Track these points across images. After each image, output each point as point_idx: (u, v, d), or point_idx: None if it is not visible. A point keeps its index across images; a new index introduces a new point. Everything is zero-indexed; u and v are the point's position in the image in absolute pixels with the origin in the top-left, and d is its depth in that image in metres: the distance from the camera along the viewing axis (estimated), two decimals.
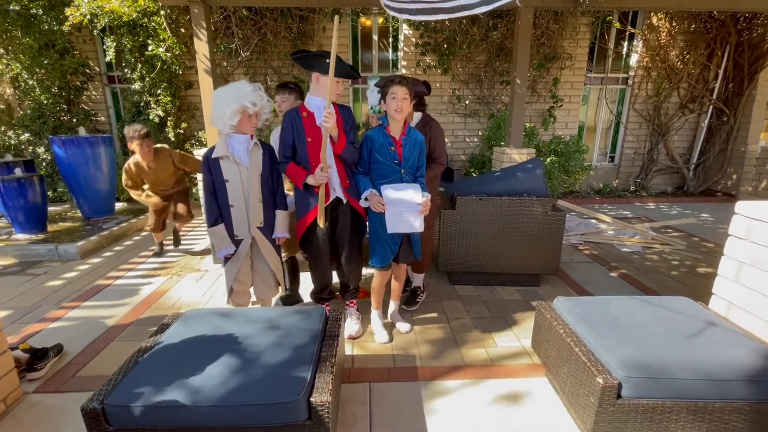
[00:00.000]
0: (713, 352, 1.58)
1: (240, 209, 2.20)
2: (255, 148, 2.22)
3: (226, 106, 2.05)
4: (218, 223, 2.20)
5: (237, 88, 2.09)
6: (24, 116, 5.65)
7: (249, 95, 2.07)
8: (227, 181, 2.16)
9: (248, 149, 2.19)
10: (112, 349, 2.37)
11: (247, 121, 2.13)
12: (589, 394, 1.54)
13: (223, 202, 2.19)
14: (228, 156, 2.14)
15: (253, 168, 2.20)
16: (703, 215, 5.53)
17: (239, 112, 2.07)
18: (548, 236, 3.01)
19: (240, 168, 2.17)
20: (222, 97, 2.07)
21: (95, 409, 1.33)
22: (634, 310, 1.88)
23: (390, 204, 2.13)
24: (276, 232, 2.32)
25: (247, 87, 2.10)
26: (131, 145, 3.36)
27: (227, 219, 2.21)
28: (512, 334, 2.54)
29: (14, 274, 3.45)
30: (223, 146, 2.15)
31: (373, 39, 6.15)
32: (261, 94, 2.14)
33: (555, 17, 5.79)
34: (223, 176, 2.16)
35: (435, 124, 2.67)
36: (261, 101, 2.14)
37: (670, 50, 6.23)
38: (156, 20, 5.05)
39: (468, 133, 6.45)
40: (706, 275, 3.47)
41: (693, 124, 6.66)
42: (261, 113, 2.19)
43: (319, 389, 1.42)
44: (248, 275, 2.32)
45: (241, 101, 2.05)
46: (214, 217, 2.21)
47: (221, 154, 2.14)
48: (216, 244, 2.23)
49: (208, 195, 2.20)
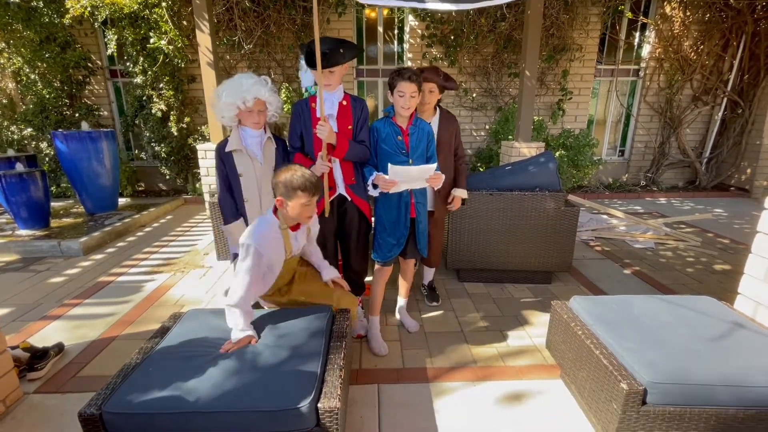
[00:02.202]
0: (743, 356, 1.49)
1: (254, 204, 2.16)
2: (269, 142, 2.16)
3: (220, 99, 2.00)
4: (237, 218, 2.16)
5: (233, 83, 2.01)
6: (26, 111, 5.60)
7: (245, 91, 1.98)
8: (241, 175, 2.11)
9: (261, 143, 2.13)
10: (114, 347, 2.32)
11: (247, 115, 2.04)
12: (612, 399, 1.46)
13: (237, 196, 2.15)
14: (242, 149, 2.08)
15: (266, 162, 2.14)
16: (716, 210, 5.40)
17: (232, 106, 2.00)
18: (561, 232, 2.91)
19: (254, 162, 2.11)
20: (219, 90, 2.01)
21: (93, 414, 1.27)
22: (657, 311, 1.79)
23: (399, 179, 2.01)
24: None
25: (245, 82, 2.00)
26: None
27: (243, 213, 2.17)
28: (524, 333, 2.46)
29: (16, 271, 3.41)
30: (236, 139, 2.08)
31: (379, 31, 6.03)
32: (260, 89, 2.02)
33: (565, 7, 5.63)
34: (236, 170, 2.10)
35: (455, 118, 2.60)
36: (261, 95, 2.03)
37: (683, 40, 6.05)
38: (158, 12, 4.95)
39: (475, 126, 6.33)
40: (724, 273, 3.36)
41: (706, 117, 6.49)
42: (266, 108, 2.10)
43: (327, 394, 1.35)
44: None
45: (233, 96, 1.97)
46: (232, 213, 2.16)
47: (234, 147, 2.08)
48: (232, 240, 2.17)
49: (223, 191, 2.15)
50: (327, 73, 2.04)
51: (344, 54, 2.04)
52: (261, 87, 2.04)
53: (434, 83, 2.34)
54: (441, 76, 2.35)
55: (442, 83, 2.35)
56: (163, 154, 5.73)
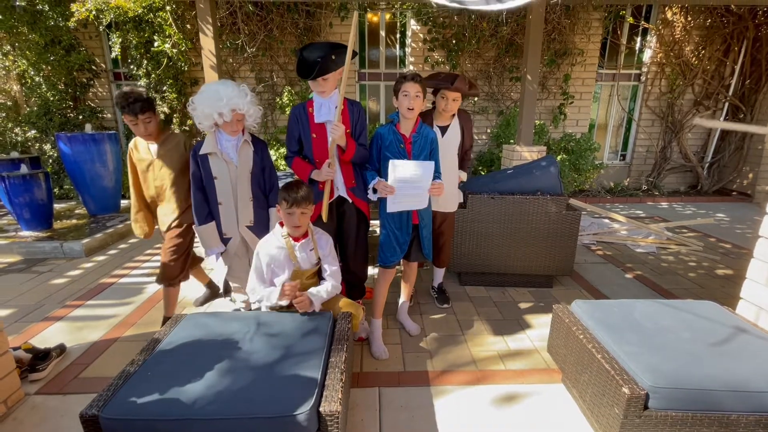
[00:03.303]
0: (746, 361, 1.48)
1: (228, 207, 2.15)
2: (245, 145, 2.14)
3: (195, 110, 2.00)
4: (208, 221, 2.16)
5: (210, 93, 1.97)
6: (30, 113, 5.64)
7: (223, 105, 1.93)
8: (215, 178, 2.10)
9: (237, 146, 2.12)
10: (115, 349, 2.32)
11: (225, 125, 2.03)
12: (614, 404, 1.46)
13: (211, 198, 2.15)
14: (216, 153, 2.08)
15: (242, 165, 2.13)
16: (718, 215, 5.39)
17: (209, 117, 1.99)
18: (562, 236, 2.91)
19: (229, 165, 2.11)
20: (200, 98, 1.99)
21: (95, 416, 1.27)
22: (658, 315, 1.78)
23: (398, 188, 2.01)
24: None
25: (223, 92, 1.95)
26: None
27: (216, 216, 2.17)
28: (525, 337, 2.45)
29: (19, 272, 3.42)
30: (212, 142, 2.08)
31: (381, 35, 6.06)
32: (238, 101, 1.98)
33: (566, 12, 5.66)
34: (211, 172, 2.10)
35: (469, 115, 2.73)
36: (242, 108, 2.00)
37: (684, 45, 6.07)
38: (162, 16, 4.99)
39: (476, 130, 6.34)
40: (726, 277, 3.35)
41: None
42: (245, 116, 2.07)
43: (328, 398, 1.34)
44: (244, 272, 2.25)
45: (210, 108, 1.95)
46: (204, 215, 2.16)
47: (209, 151, 2.08)
48: (204, 243, 2.17)
49: (194, 189, 2.14)
50: (321, 81, 2.04)
51: (336, 60, 2.03)
52: (239, 99, 1.98)
53: (461, 92, 2.41)
54: (467, 84, 2.42)
55: (467, 92, 2.44)
56: None
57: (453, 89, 2.38)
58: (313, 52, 2.00)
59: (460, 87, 2.37)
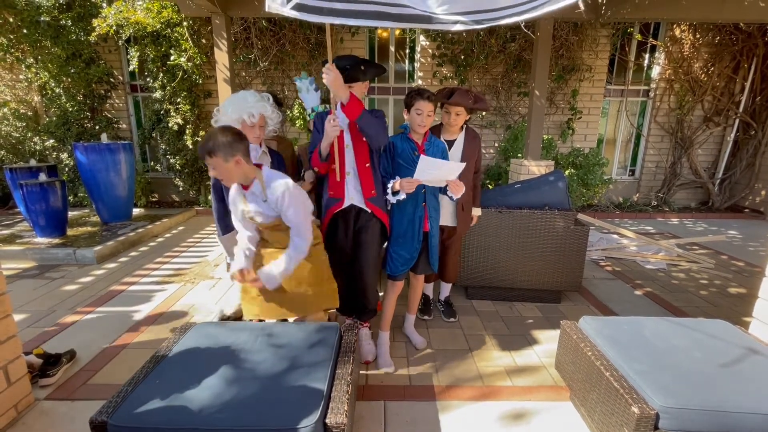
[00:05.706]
0: (758, 382, 1.45)
1: None
2: (263, 156, 2.22)
3: (226, 115, 2.06)
4: (230, 230, 2.19)
5: (239, 99, 2.07)
6: (49, 123, 5.81)
7: (250, 107, 2.05)
8: None
9: (257, 157, 2.18)
10: (124, 356, 2.34)
11: (249, 130, 2.09)
12: (623, 424, 1.43)
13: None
14: None
15: None
16: (730, 232, 5.31)
17: (238, 122, 2.05)
18: (570, 251, 2.90)
19: None
20: (225, 106, 2.08)
21: (104, 422, 1.29)
22: (669, 333, 1.76)
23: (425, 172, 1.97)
24: None
25: (249, 98, 2.08)
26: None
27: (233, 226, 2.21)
28: (533, 352, 2.43)
29: (32, 278, 3.49)
30: None
31: (390, 50, 6.18)
32: (264, 105, 2.10)
33: (574, 29, 5.73)
34: None
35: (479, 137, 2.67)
36: (265, 112, 2.11)
37: (693, 62, 6.08)
38: (179, 31, 5.17)
39: (484, 144, 6.37)
40: (739, 296, 3.29)
41: (718, 138, 6.46)
42: (266, 124, 2.16)
43: (334, 410, 1.35)
44: None
45: (239, 112, 2.04)
46: (225, 224, 2.20)
47: None
48: (229, 252, 2.21)
49: (215, 201, 2.20)
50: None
51: (365, 71, 2.08)
52: (265, 103, 2.12)
53: (463, 107, 2.40)
54: (471, 99, 2.37)
55: (471, 106, 2.39)
56: (177, 167, 5.87)
57: (451, 103, 2.36)
58: (343, 61, 2.07)
59: (459, 100, 2.33)
